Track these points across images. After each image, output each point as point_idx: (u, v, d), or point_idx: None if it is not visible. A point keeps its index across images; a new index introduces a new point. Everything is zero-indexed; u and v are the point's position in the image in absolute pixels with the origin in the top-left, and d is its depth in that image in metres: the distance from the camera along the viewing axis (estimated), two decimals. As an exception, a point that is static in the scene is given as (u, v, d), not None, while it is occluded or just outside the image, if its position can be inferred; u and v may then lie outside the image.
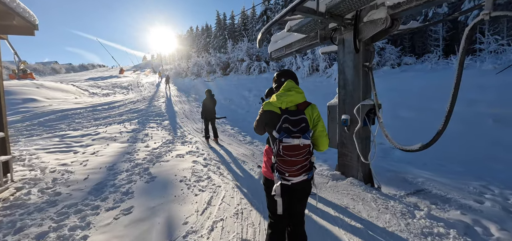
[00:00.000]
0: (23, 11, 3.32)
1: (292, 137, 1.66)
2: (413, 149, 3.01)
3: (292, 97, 1.77)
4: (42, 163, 5.08)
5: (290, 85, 1.84)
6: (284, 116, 1.71)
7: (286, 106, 1.76)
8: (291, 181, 1.71)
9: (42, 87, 15.14)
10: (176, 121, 10.32)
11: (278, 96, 1.78)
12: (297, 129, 1.69)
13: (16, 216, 3.08)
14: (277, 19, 3.42)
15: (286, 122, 1.70)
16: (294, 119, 1.71)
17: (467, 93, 7.40)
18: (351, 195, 3.47)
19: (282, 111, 1.74)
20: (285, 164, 1.69)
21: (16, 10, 3.19)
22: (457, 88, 2.58)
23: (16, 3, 3.19)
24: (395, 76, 11.94)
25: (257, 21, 31.91)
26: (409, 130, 6.88)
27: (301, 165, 1.70)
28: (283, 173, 1.70)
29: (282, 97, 1.76)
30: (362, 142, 3.83)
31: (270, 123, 1.77)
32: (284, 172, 1.70)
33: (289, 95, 1.77)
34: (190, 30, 53.51)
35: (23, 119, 9.55)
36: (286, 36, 5.32)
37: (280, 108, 1.75)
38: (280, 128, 1.70)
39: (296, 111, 1.75)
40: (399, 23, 3.33)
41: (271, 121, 1.76)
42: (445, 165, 4.91)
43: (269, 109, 1.78)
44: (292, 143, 1.66)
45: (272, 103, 1.78)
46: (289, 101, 1.76)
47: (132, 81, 26.01)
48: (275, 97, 1.79)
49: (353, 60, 3.82)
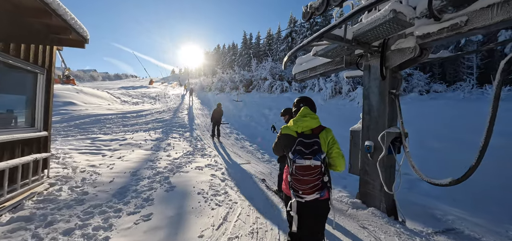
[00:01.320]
0: (79, 27, 3.76)
1: (304, 159, 1.84)
2: (443, 184, 2.82)
3: (307, 123, 1.97)
4: (74, 163, 5.47)
5: (305, 111, 2.04)
6: (299, 139, 1.90)
7: (302, 130, 1.94)
8: (304, 198, 1.85)
9: (81, 92, 16.56)
10: (197, 134, 10.64)
11: (295, 121, 2.00)
12: (309, 151, 1.85)
13: (47, 210, 3.32)
14: (304, 45, 3.51)
15: (300, 145, 1.88)
16: (308, 142, 1.88)
17: (505, 126, 6.83)
18: (373, 226, 3.28)
19: (298, 134, 1.94)
20: (299, 182, 1.86)
21: (74, 26, 3.63)
22: (493, 122, 2.43)
23: (74, 20, 3.63)
24: (423, 104, 11.40)
25: (282, 42, 32.63)
26: (438, 162, 6.44)
27: (313, 184, 1.84)
28: (297, 191, 1.87)
29: (298, 122, 1.97)
30: (386, 170, 3.66)
31: (288, 145, 1.95)
32: (298, 190, 1.86)
33: (304, 120, 1.97)
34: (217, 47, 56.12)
35: (62, 120, 10.45)
36: (311, 59, 5.39)
37: (296, 131, 1.95)
38: (295, 150, 1.88)
39: (311, 135, 1.92)
40: (428, 52, 3.26)
41: (289, 143, 1.95)
42: (479, 204, 4.50)
43: (286, 133, 1.99)
44: (303, 164, 1.83)
45: (290, 127, 1.99)
46: (305, 126, 1.95)
47: (160, 92, 27.46)
48: (292, 122, 2.01)
49: (379, 86, 3.75)
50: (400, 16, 2.74)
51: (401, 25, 2.91)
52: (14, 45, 3.39)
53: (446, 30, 2.87)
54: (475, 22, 2.63)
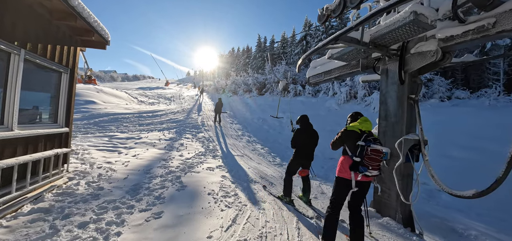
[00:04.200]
0: (101, 29, 3.93)
1: (377, 144, 2.56)
2: (465, 196, 2.64)
3: (368, 125, 2.75)
4: (92, 159, 5.68)
5: (365, 118, 2.83)
6: (365, 135, 2.62)
7: (364, 129, 2.70)
8: (371, 173, 2.54)
9: (101, 92, 17.30)
10: (210, 135, 10.75)
11: (359, 123, 2.76)
12: (377, 141, 2.61)
13: (65, 203, 3.45)
14: (320, 47, 3.45)
15: (369, 136, 2.60)
16: (372, 137, 2.62)
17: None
18: (387, 238, 3.14)
19: (361, 131, 2.67)
20: (371, 160, 2.51)
21: (97, 29, 3.81)
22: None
23: (97, 22, 3.80)
24: (444, 110, 10.85)
25: (296, 46, 32.45)
26: (460, 172, 6.08)
27: (378, 163, 2.56)
28: (368, 167, 2.51)
29: (363, 124, 2.74)
30: (403, 179, 3.50)
31: (352, 139, 2.66)
32: (369, 166, 2.51)
33: (365, 122, 2.76)
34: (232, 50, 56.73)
35: (82, 118, 10.93)
36: (325, 62, 5.30)
37: (360, 129, 2.68)
38: (366, 139, 2.58)
39: (370, 133, 2.69)
40: (451, 56, 3.09)
41: (353, 137, 2.65)
42: (506, 220, 4.19)
43: (352, 130, 2.71)
44: (377, 148, 2.54)
45: (354, 127, 2.72)
46: (366, 127, 2.72)
47: (175, 93, 28.13)
48: (357, 123, 2.77)
49: (397, 91, 3.61)
50: (421, 18, 2.62)
51: (422, 28, 2.78)
52: (41, 46, 3.59)
53: (471, 33, 2.71)
54: (504, 24, 2.47)
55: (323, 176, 6.29)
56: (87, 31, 3.87)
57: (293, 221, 3.50)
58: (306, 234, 3.16)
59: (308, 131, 4.22)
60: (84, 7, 3.42)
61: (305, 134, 4.21)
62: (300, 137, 4.21)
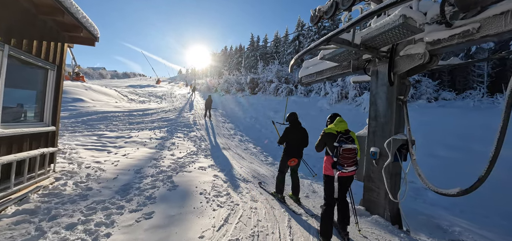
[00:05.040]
0: (90, 25, 3.83)
1: (348, 143, 2.86)
2: (450, 194, 2.74)
3: (343, 125, 3.02)
4: (80, 158, 5.54)
5: (340, 119, 3.09)
6: (340, 135, 2.91)
7: (340, 130, 2.97)
8: (348, 170, 2.85)
9: (89, 89, 16.85)
10: (202, 134, 10.67)
11: (335, 124, 3.03)
12: (349, 140, 2.89)
13: (51, 204, 3.36)
14: (312, 48, 3.49)
15: (342, 137, 2.89)
16: (346, 136, 2.91)
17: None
18: (376, 235, 3.22)
19: (337, 132, 2.96)
20: (345, 159, 2.83)
21: (85, 25, 3.70)
22: (504, 132, 2.35)
23: (86, 18, 3.70)
24: (431, 111, 11.18)
25: (289, 45, 32.61)
26: (446, 171, 6.30)
27: (352, 160, 2.88)
28: (343, 165, 2.83)
29: (338, 125, 3.01)
30: (392, 178, 3.59)
31: (330, 140, 2.96)
32: (344, 164, 2.83)
33: (340, 123, 3.02)
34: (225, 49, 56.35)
35: (70, 116, 10.63)
36: (317, 63, 5.36)
37: (336, 131, 2.97)
38: (339, 140, 2.87)
39: (346, 132, 2.98)
40: (438, 59, 3.19)
41: (331, 139, 2.95)
42: (488, 216, 4.37)
43: (330, 132, 3.01)
44: (348, 146, 2.85)
45: (331, 129, 3.01)
46: (341, 127, 2.98)
47: (166, 92, 27.72)
48: (333, 125, 3.04)
49: (387, 92, 3.70)
50: (410, 22, 2.69)
51: (410, 31, 2.86)
52: (26, 41, 3.46)
53: (457, 37, 2.81)
54: (488, 29, 2.57)
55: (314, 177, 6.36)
56: (75, 27, 3.76)
57: (284, 219, 3.53)
58: (298, 232, 3.20)
59: (297, 128, 4.30)
60: (72, 2, 3.32)
61: (294, 131, 4.27)
62: (289, 134, 4.27)
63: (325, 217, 2.98)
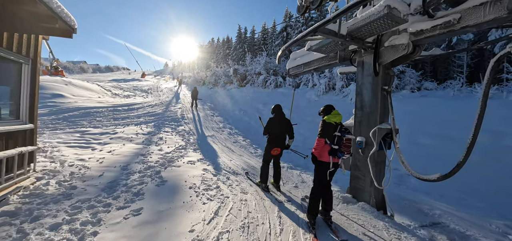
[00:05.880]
0: (66, 16, 3.60)
1: (349, 134, 3.15)
2: (431, 179, 2.87)
3: (339, 118, 3.25)
4: (62, 156, 5.32)
5: (337, 112, 3.30)
6: (339, 125, 3.18)
7: (337, 121, 3.20)
8: (346, 157, 3.19)
9: (70, 84, 16.11)
10: (190, 128, 10.53)
11: (333, 116, 3.23)
12: (347, 131, 3.16)
13: (33, 205, 3.23)
14: (298, 39, 3.48)
15: (342, 128, 3.17)
16: (344, 128, 3.20)
17: (493, 125, 7.02)
18: (362, 221, 3.34)
19: (336, 123, 3.18)
20: (346, 148, 3.12)
21: (60, 15, 3.47)
22: (481, 119, 2.47)
23: (61, 8, 3.47)
24: (414, 101, 11.59)
25: (276, 37, 32.45)
26: (427, 158, 6.59)
27: (350, 148, 3.18)
28: (343, 153, 3.10)
29: (337, 116, 3.24)
30: (377, 166, 3.71)
31: (331, 130, 3.14)
32: (344, 152, 3.11)
33: (337, 116, 3.25)
34: (212, 41, 55.25)
35: (50, 113, 10.15)
36: (305, 54, 5.37)
37: (335, 122, 3.18)
38: (341, 130, 3.14)
39: (342, 124, 3.25)
40: (421, 49, 3.28)
41: (332, 129, 3.15)
42: (465, 199, 4.63)
43: (329, 122, 3.18)
44: (350, 137, 3.15)
45: (330, 119, 3.19)
46: (338, 119, 3.23)
47: (152, 86, 27.01)
48: (332, 116, 3.23)
49: (372, 83, 3.77)
50: (394, 12, 2.74)
51: (395, 21, 2.91)
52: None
53: (439, 28, 2.89)
54: (468, 20, 2.66)
55: (303, 166, 6.47)
56: (49, 18, 3.53)
57: (274, 210, 3.58)
58: (287, 222, 3.26)
59: (281, 119, 4.46)
60: (45, -10, 3.11)
61: (277, 122, 4.44)
62: (273, 125, 4.43)
63: (315, 199, 3.22)
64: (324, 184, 3.26)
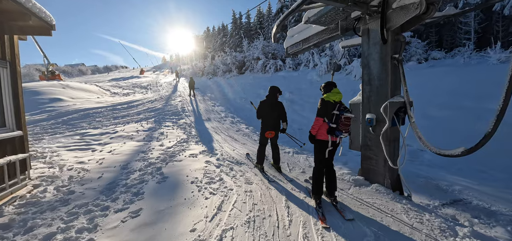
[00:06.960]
0: (39, 11, 3.29)
1: (347, 112, 3.02)
2: (454, 154, 2.57)
3: (339, 96, 3.16)
4: (61, 161, 5.17)
5: (337, 90, 3.20)
6: (338, 104, 3.08)
7: (337, 100, 3.12)
8: (345, 136, 3.10)
9: (67, 87, 15.92)
10: (191, 120, 10.31)
11: (332, 94, 3.14)
12: (346, 110, 3.05)
13: (28, 214, 3.06)
14: (294, 9, 3.12)
15: (341, 106, 3.06)
16: (343, 106, 3.08)
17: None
18: (378, 205, 3.08)
19: (335, 102, 3.10)
20: (344, 126, 3.01)
21: (32, 10, 3.17)
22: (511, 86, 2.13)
23: (32, 3, 3.16)
24: (422, 72, 11.06)
25: (273, 19, 31.46)
26: (441, 131, 6.24)
27: (349, 127, 3.07)
28: (342, 131, 3.03)
29: (336, 95, 3.14)
30: (390, 144, 3.41)
31: (330, 108, 3.07)
32: (342, 131, 3.02)
33: (337, 94, 3.15)
34: (207, 30, 53.99)
35: (49, 118, 10.01)
36: (303, 29, 4.97)
37: (334, 100, 3.10)
38: (339, 109, 3.04)
39: (341, 103, 3.13)
40: (435, 8, 2.88)
41: (330, 107, 3.08)
42: (485, 171, 4.33)
43: (328, 100, 3.10)
44: (348, 115, 3.01)
45: (329, 97, 3.12)
46: (338, 98, 3.14)
47: (151, 81, 26.74)
48: (330, 94, 3.14)
49: (380, 52, 3.41)
50: (404, -34, 2.36)
51: (405, -22, 2.53)
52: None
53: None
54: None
55: (310, 150, 6.21)
56: (21, 15, 3.22)
57: (282, 200, 3.35)
58: (297, 212, 3.03)
59: (272, 102, 4.47)
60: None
61: (268, 105, 4.46)
62: (263, 109, 4.47)
63: (317, 177, 3.21)
64: (324, 163, 3.21)
